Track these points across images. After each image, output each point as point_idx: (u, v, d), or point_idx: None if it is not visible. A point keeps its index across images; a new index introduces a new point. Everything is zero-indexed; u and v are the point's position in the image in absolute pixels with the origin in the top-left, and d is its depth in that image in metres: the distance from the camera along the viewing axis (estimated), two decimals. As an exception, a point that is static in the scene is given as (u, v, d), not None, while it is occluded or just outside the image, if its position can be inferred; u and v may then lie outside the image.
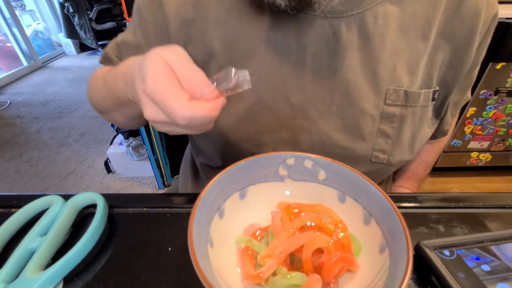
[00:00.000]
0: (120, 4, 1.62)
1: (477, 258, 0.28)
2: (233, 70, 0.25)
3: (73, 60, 3.56)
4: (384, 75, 0.37)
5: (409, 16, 0.36)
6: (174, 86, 0.24)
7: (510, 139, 1.37)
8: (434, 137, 0.50)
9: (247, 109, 0.40)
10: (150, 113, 0.25)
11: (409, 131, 0.40)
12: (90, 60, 3.53)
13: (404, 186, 0.56)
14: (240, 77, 0.25)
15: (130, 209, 0.36)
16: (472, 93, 1.29)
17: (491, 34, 0.39)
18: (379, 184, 0.54)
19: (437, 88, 0.40)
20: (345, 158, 0.41)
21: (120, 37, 0.45)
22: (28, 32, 3.33)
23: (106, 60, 0.47)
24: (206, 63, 0.40)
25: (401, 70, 0.37)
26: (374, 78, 0.37)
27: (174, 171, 1.58)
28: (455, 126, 1.33)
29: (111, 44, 0.46)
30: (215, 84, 0.26)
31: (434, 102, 0.41)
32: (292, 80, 0.38)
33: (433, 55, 0.38)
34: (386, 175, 0.48)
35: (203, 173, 0.57)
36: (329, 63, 0.37)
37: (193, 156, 0.62)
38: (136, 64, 0.27)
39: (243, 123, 0.41)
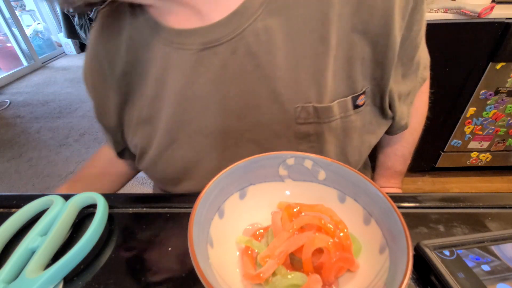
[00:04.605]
0: (120, 4, 1.62)
1: (477, 258, 0.27)
2: None
3: (73, 60, 3.56)
4: (286, 93, 0.34)
5: (298, 22, 0.32)
6: None
7: (510, 139, 1.37)
8: (393, 132, 0.47)
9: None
10: None
11: (334, 147, 0.37)
12: (90, 60, 3.53)
13: (388, 186, 0.54)
14: None
15: (130, 209, 0.36)
16: (472, 93, 1.29)
17: (421, 13, 0.35)
18: None
19: (363, 90, 0.36)
20: None
21: None
22: (28, 32, 3.33)
23: None
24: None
25: (305, 84, 0.34)
26: (278, 98, 0.35)
27: (174, 171, 1.58)
28: (456, 126, 1.33)
29: None
30: None
31: (362, 107, 0.37)
32: (200, 113, 0.37)
33: (348, 54, 0.33)
34: None
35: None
36: (223, 92, 0.35)
37: None
38: None
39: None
